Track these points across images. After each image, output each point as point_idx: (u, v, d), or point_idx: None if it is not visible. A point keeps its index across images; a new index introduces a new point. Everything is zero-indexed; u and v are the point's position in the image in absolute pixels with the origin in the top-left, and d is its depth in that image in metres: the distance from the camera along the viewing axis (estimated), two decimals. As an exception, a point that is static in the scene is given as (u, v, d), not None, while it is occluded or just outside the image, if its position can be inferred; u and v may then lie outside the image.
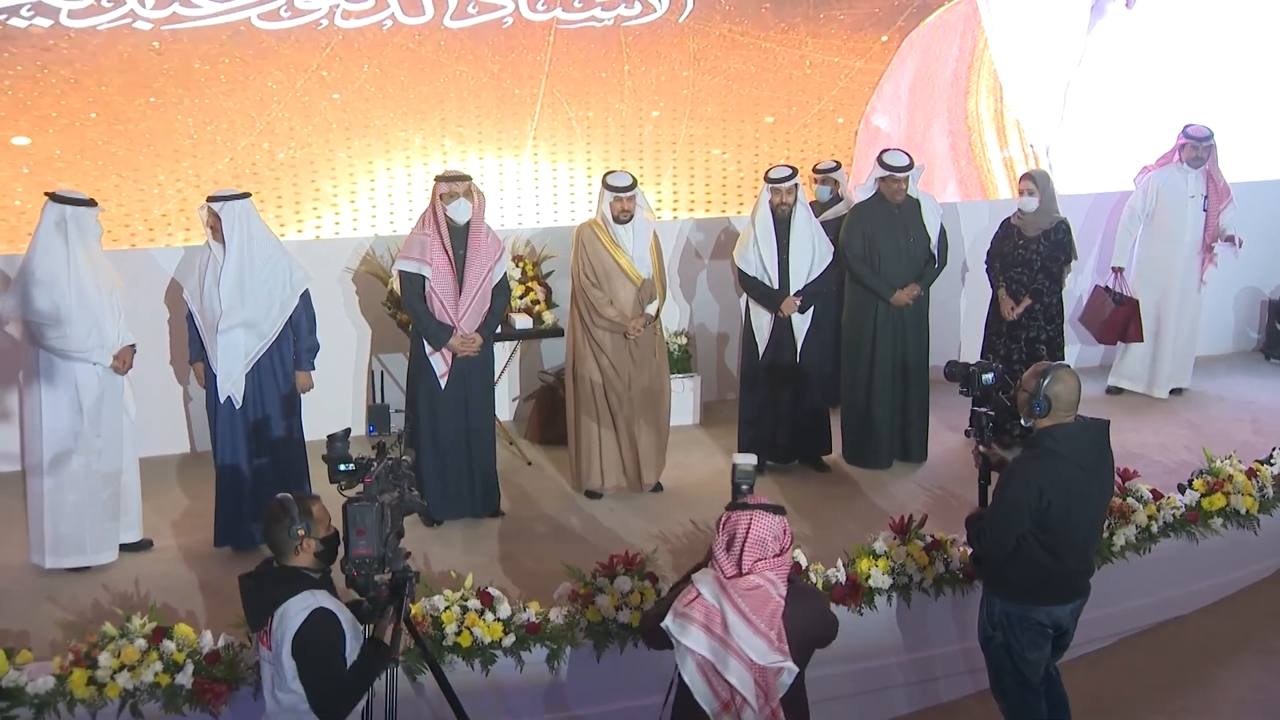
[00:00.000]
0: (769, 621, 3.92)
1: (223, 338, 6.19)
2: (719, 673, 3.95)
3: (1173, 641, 6.36)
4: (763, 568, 3.94)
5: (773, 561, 3.96)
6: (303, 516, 3.98)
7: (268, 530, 4.02)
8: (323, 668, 3.89)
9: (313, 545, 4.00)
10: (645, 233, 6.98)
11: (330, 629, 3.90)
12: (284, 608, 3.90)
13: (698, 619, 3.97)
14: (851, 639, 5.68)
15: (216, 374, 6.26)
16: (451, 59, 8.18)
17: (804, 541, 6.11)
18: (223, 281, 6.15)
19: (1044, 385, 4.63)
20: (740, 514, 4.02)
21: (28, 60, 7.39)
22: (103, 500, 6.19)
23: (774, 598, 3.94)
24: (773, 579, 3.95)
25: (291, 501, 4.00)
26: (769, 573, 3.95)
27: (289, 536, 3.97)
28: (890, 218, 7.38)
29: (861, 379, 7.53)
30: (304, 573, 4.00)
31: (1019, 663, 4.83)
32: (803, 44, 8.82)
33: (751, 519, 3.99)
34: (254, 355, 6.27)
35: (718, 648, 3.95)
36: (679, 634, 3.98)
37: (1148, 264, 8.83)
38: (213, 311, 6.18)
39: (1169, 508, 6.37)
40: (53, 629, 5.46)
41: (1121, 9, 9.55)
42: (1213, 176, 8.68)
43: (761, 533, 3.96)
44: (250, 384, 6.30)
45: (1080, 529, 4.74)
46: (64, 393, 6.05)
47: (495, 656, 5.23)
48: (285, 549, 4.00)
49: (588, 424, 7.11)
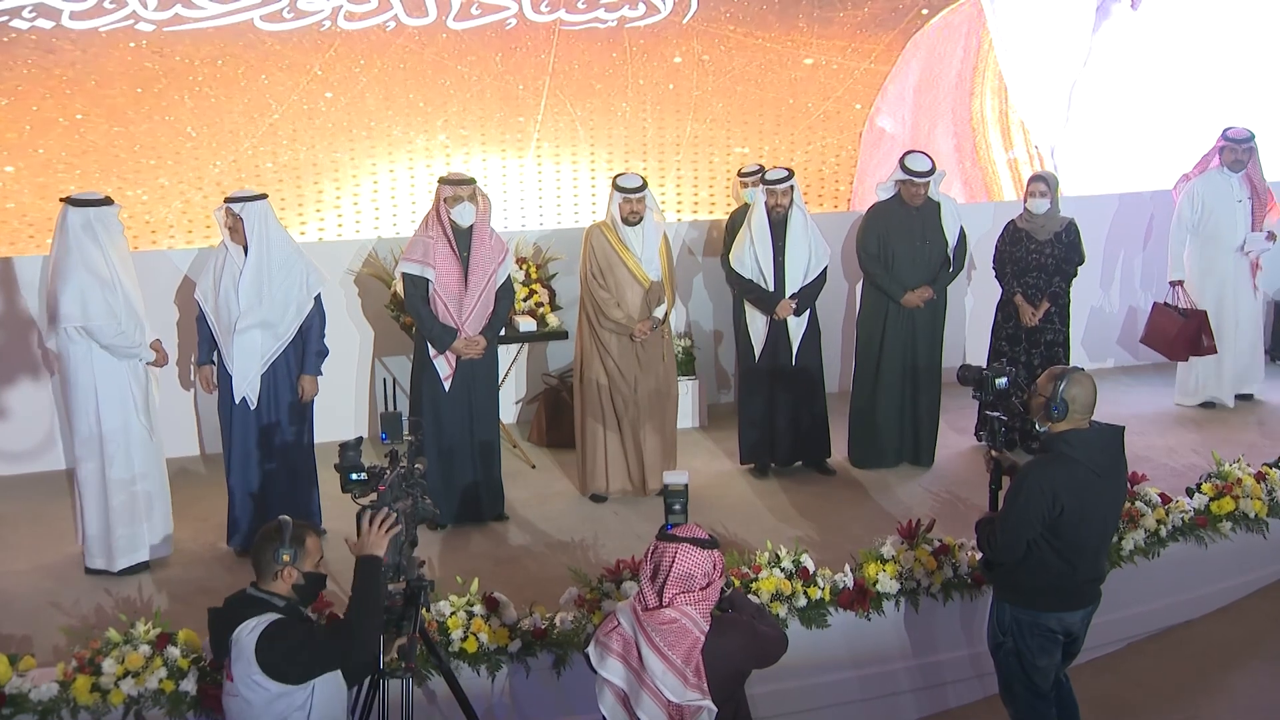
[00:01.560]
0: (685, 657, 3.74)
1: (239, 338, 6.18)
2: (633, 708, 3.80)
3: (1181, 647, 6.32)
4: (682, 601, 3.76)
5: (696, 595, 3.78)
6: (293, 543, 3.86)
7: (257, 547, 3.91)
8: (306, 649, 3.74)
9: (293, 575, 3.87)
10: (654, 235, 6.94)
11: (292, 627, 3.75)
12: (236, 632, 3.76)
13: (615, 649, 3.83)
14: (858, 644, 5.68)
15: (232, 375, 6.24)
16: (454, 60, 8.14)
17: (810, 546, 6.08)
18: (241, 282, 6.14)
19: (1061, 389, 4.58)
20: (667, 546, 3.83)
21: (30, 62, 7.35)
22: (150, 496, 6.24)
23: (692, 633, 3.75)
24: (693, 615, 3.77)
25: (288, 525, 3.88)
26: (689, 608, 3.76)
27: (273, 560, 3.85)
28: (907, 219, 7.33)
29: (868, 380, 7.50)
30: (269, 600, 3.85)
31: (1029, 669, 4.79)
32: (807, 45, 8.78)
33: (677, 552, 3.80)
34: (270, 356, 6.25)
35: (633, 681, 3.80)
36: (596, 664, 3.84)
37: (1200, 274, 8.59)
38: (230, 312, 6.17)
39: (1178, 512, 6.33)
40: (56, 634, 5.44)
41: (1126, 9, 9.50)
42: (1254, 179, 8.50)
43: (687, 568, 3.78)
44: (264, 386, 6.28)
45: (1093, 535, 4.69)
46: (119, 392, 6.04)
47: (501, 662, 5.19)
48: (266, 571, 3.88)
49: (594, 427, 7.07)
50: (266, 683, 3.74)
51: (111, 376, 6.03)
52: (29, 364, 7.56)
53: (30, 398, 7.60)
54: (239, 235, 6.16)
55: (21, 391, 7.58)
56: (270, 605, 3.82)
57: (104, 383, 6.03)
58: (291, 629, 3.77)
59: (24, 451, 7.61)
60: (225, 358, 6.25)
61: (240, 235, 6.15)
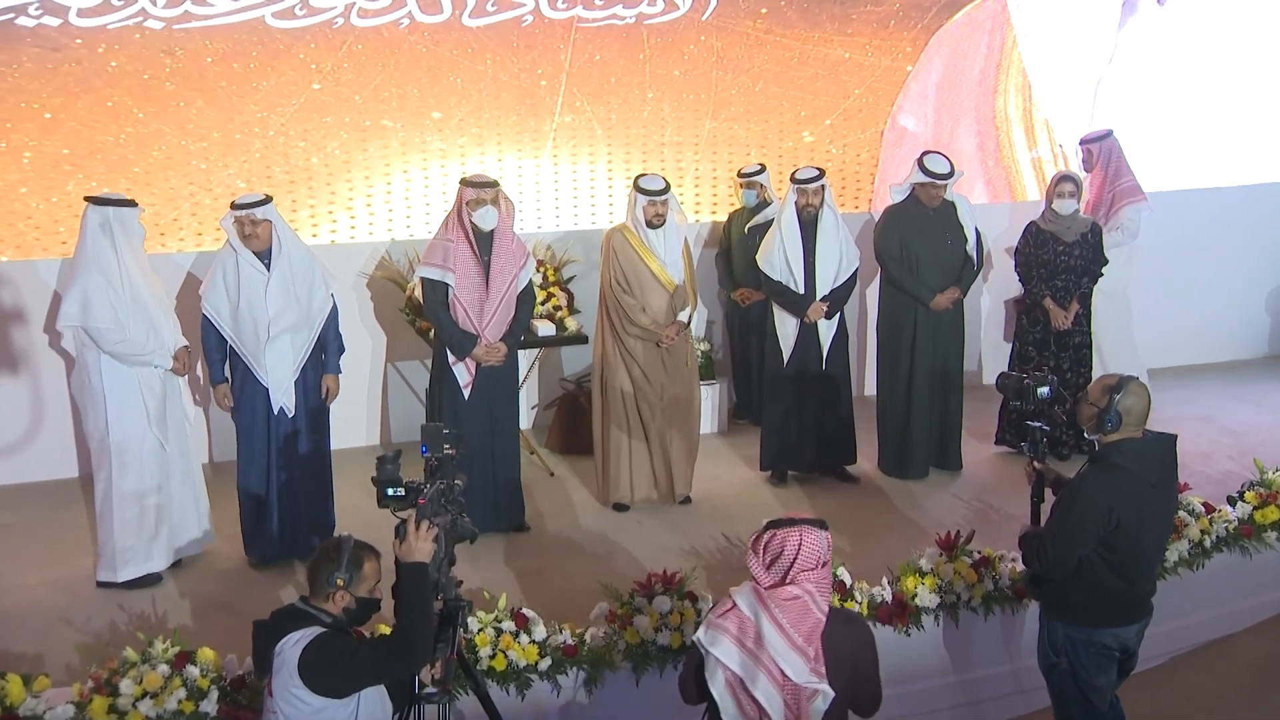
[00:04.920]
0: (807, 637, 3.62)
1: (271, 347, 6.01)
2: (747, 690, 3.65)
3: (1224, 661, 6.14)
4: (805, 579, 3.64)
5: (815, 574, 3.66)
6: (350, 567, 3.74)
7: (314, 563, 3.79)
8: (353, 659, 3.63)
9: (345, 599, 3.76)
10: (677, 238, 6.77)
11: (338, 639, 3.65)
12: (280, 645, 3.65)
13: (730, 630, 3.68)
14: (896, 660, 5.48)
15: (267, 386, 6.06)
16: (470, 58, 7.97)
17: (843, 557, 5.90)
18: (270, 290, 5.98)
19: (1117, 400, 4.41)
20: (788, 533, 3.69)
21: (36, 60, 7.17)
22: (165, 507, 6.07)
23: (814, 613, 3.64)
24: (813, 591, 3.65)
25: (350, 546, 3.76)
26: (809, 585, 3.65)
27: (326, 581, 3.73)
28: (927, 220, 7.16)
29: (900, 386, 7.32)
30: (316, 615, 3.73)
31: (1085, 689, 4.60)
32: (829, 42, 8.62)
33: (802, 536, 3.67)
34: (301, 361, 6.11)
35: (748, 662, 3.65)
36: (709, 645, 3.69)
37: None
38: (256, 324, 5.98)
39: (1221, 521, 6.16)
40: (68, 652, 5.27)
41: (1153, 5, 9.35)
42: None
43: (812, 549, 3.65)
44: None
45: (1148, 549, 4.53)
46: (130, 400, 5.87)
47: (531, 680, 5.02)
48: (319, 590, 3.76)
49: (617, 435, 6.89)
50: (307, 696, 3.61)
51: (122, 384, 5.87)
52: (33, 369, 7.37)
53: (36, 403, 7.41)
54: (261, 241, 5.97)
55: (27, 397, 7.39)
56: (317, 620, 3.70)
57: (114, 391, 5.86)
58: (337, 641, 3.65)
59: (32, 458, 7.42)
60: (256, 371, 6.04)
61: (263, 241, 5.97)
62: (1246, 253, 9.81)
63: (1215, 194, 9.62)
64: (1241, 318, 9.89)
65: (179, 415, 6.11)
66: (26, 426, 7.39)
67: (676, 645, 5.13)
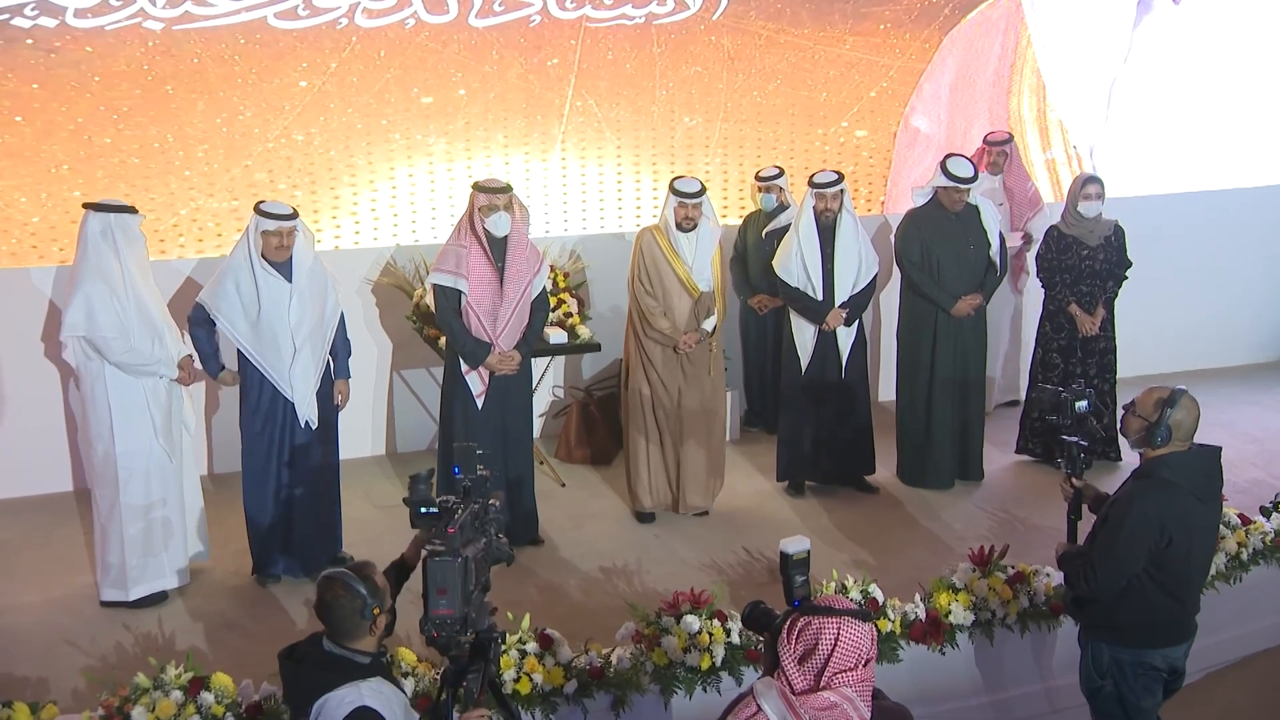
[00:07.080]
0: None
1: (297, 361, 5.86)
2: None
3: (1262, 676, 6.00)
4: (842, 682, 3.16)
5: (857, 674, 3.18)
6: (372, 591, 3.48)
7: (331, 610, 3.48)
8: None
9: (384, 620, 3.55)
10: (709, 243, 6.60)
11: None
12: (323, 702, 3.39)
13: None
14: (928, 680, 5.35)
15: (294, 401, 5.89)
16: (476, 59, 7.78)
17: (867, 571, 5.74)
18: (293, 304, 5.82)
19: (1169, 415, 4.25)
20: (825, 621, 3.17)
21: (32, 62, 6.96)
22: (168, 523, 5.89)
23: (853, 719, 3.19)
24: (852, 697, 3.16)
25: (354, 578, 3.48)
26: (848, 689, 3.15)
27: (362, 618, 3.46)
28: (949, 225, 7.00)
29: (921, 395, 7.16)
30: (351, 660, 3.48)
31: (1132, 712, 4.45)
32: (841, 42, 8.45)
33: (840, 629, 3.16)
34: (320, 370, 5.96)
35: None
36: None
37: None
38: (277, 337, 5.82)
39: (1257, 533, 6.01)
40: (73, 675, 5.12)
41: (1168, 4, 9.20)
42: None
43: (852, 645, 3.16)
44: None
45: (1196, 566, 4.38)
46: (136, 412, 5.69)
47: (557, 704, 4.85)
48: (354, 630, 3.48)
49: (636, 439, 6.76)
50: None
51: (127, 395, 5.68)
52: (30, 379, 7.16)
53: (29, 415, 7.19)
54: (287, 252, 5.80)
55: (19, 408, 7.17)
56: (354, 664, 3.46)
57: (119, 402, 5.67)
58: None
59: (29, 471, 7.20)
60: (280, 384, 5.87)
61: (287, 251, 5.79)
62: (1261, 254, 9.68)
63: (1229, 195, 9.48)
64: (1255, 321, 9.75)
65: (179, 426, 5.94)
66: (19, 439, 7.16)
67: (705, 666, 4.97)
